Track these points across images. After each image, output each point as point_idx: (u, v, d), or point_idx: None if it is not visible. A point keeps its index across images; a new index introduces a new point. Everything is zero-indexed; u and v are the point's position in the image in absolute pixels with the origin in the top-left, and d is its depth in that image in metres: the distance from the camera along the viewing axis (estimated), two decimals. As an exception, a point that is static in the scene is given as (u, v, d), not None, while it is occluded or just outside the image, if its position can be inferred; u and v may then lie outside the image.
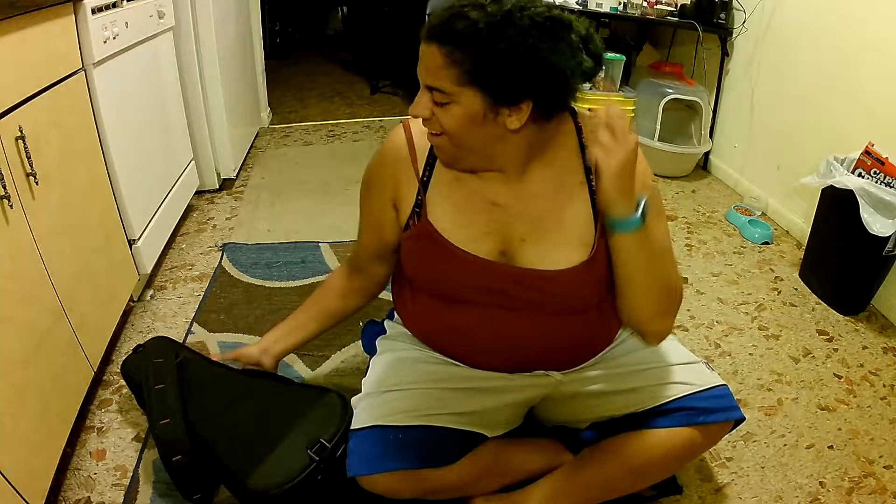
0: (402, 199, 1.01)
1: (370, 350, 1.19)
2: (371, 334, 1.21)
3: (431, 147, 0.97)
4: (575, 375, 1.07)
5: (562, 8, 0.85)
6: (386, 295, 1.27)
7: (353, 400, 1.06)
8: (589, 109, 0.92)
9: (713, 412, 1.03)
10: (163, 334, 1.60)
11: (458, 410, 1.01)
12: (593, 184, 0.95)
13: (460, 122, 0.84)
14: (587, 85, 2.77)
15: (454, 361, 1.07)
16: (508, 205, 0.96)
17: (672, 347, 1.12)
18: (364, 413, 1.01)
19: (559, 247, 0.95)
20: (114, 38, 1.46)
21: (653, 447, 1.02)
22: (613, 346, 1.11)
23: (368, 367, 1.13)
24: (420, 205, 0.98)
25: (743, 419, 1.06)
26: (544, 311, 0.99)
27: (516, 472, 1.10)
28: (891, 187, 1.63)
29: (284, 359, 1.52)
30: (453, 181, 0.97)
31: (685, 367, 1.08)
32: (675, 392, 1.05)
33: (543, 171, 0.96)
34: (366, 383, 1.08)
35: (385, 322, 1.21)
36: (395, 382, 1.04)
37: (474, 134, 0.85)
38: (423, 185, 0.98)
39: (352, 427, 1.01)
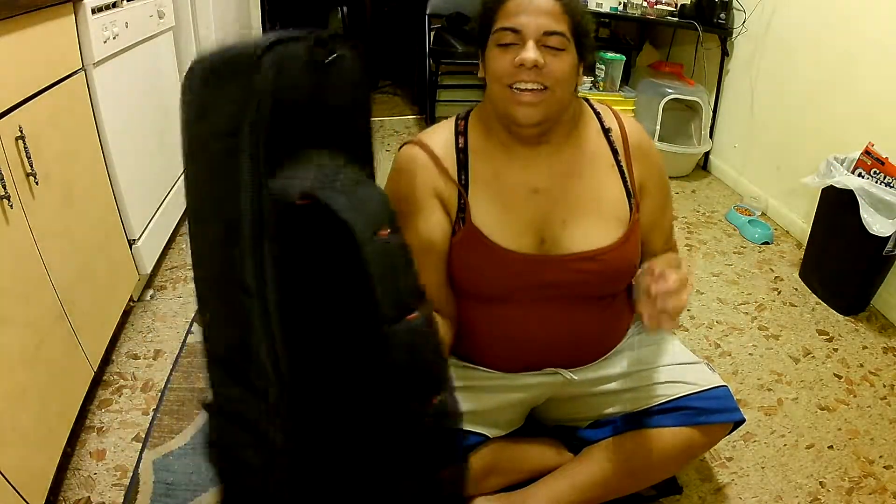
0: (447, 202, 0.97)
1: None
2: None
3: (458, 150, 0.98)
4: (582, 375, 1.07)
5: None
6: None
7: None
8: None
9: (713, 413, 1.03)
10: (163, 334, 1.60)
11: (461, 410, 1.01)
12: (622, 164, 1.00)
13: (569, 71, 0.89)
14: (587, 84, 2.78)
15: (461, 362, 1.07)
16: (549, 189, 0.98)
17: (673, 348, 1.13)
18: None
19: (599, 225, 0.98)
20: (114, 38, 1.46)
21: (653, 447, 1.02)
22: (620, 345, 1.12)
23: None
24: (464, 208, 0.96)
25: (743, 420, 1.06)
26: (582, 297, 1.01)
27: (517, 472, 1.10)
28: (891, 187, 1.63)
29: (284, 359, 1.52)
30: (492, 179, 0.97)
31: (686, 368, 1.09)
32: (676, 392, 1.05)
33: (574, 151, 0.99)
34: None
35: None
36: None
37: (569, 87, 0.91)
38: (464, 187, 0.97)
39: None
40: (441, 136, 1.00)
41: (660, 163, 1.06)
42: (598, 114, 1.03)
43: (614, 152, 1.01)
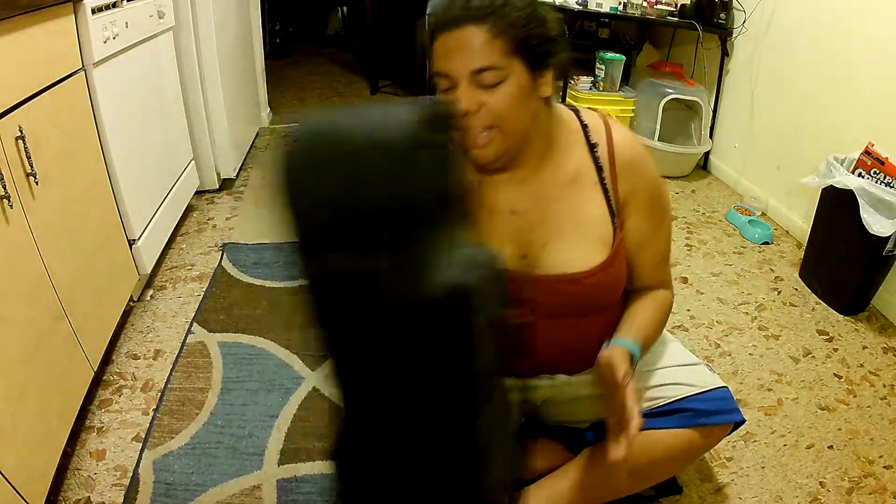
0: None
1: None
2: None
3: None
4: (578, 378, 1.07)
5: (561, 8, 0.86)
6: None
7: None
8: None
9: (713, 414, 1.03)
10: (163, 334, 1.60)
11: None
12: (605, 182, 0.96)
13: (514, 99, 0.82)
14: (587, 84, 2.78)
15: None
16: (526, 211, 0.95)
17: (673, 349, 1.12)
18: None
19: (580, 248, 0.95)
20: (114, 38, 1.46)
21: (653, 448, 1.02)
22: None
23: None
24: None
25: (743, 421, 1.06)
26: (568, 315, 0.99)
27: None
28: (891, 187, 1.63)
29: (284, 359, 1.52)
30: (473, 192, 0.94)
31: (686, 369, 1.08)
32: (676, 393, 1.04)
33: (556, 173, 0.95)
34: None
35: None
36: None
37: (523, 111, 0.84)
38: None
39: None
40: None
41: (654, 180, 0.99)
42: (585, 127, 0.97)
43: (598, 169, 0.96)
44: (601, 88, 2.78)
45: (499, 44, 0.79)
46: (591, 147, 0.97)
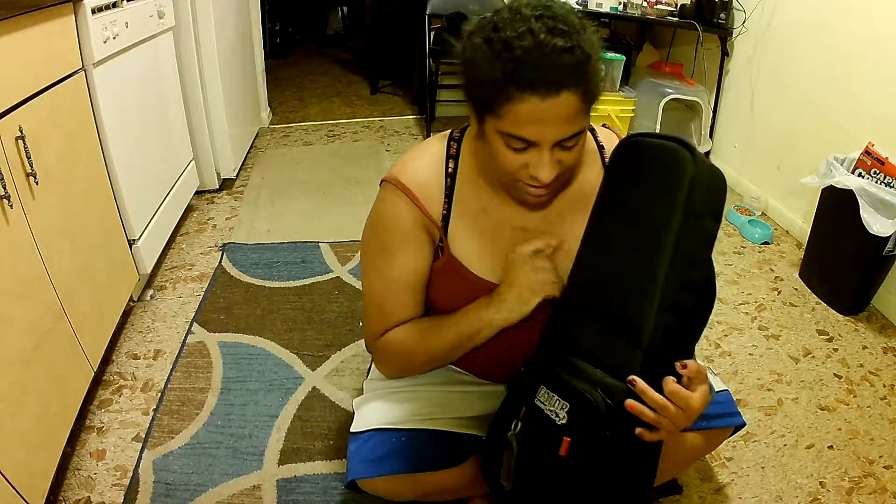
0: (430, 230, 0.92)
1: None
2: None
3: (447, 175, 0.90)
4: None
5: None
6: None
7: (355, 402, 1.06)
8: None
9: (714, 418, 1.02)
10: (163, 334, 1.60)
11: (459, 414, 1.01)
12: None
13: (581, 150, 0.80)
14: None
15: (456, 368, 1.07)
16: (537, 228, 0.92)
17: None
18: (365, 416, 1.01)
19: None
20: (114, 38, 1.46)
21: None
22: None
23: (370, 367, 1.13)
24: (442, 240, 0.92)
25: (743, 425, 1.06)
26: (528, 323, 0.95)
27: None
28: (891, 187, 1.63)
29: (284, 359, 1.52)
30: (479, 213, 0.91)
31: None
32: None
33: (572, 195, 0.92)
34: (367, 385, 1.08)
35: None
36: (397, 385, 1.04)
37: (580, 158, 0.83)
38: (444, 219, 0.91)
39: (352, 430, 1.01)
40: (426, 162, 0.92)
41: None
42: (601, 148, 0.95)
43: None
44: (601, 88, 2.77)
45: (585, 107, 0.74)
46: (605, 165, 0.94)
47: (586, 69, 0.73)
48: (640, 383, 0.74)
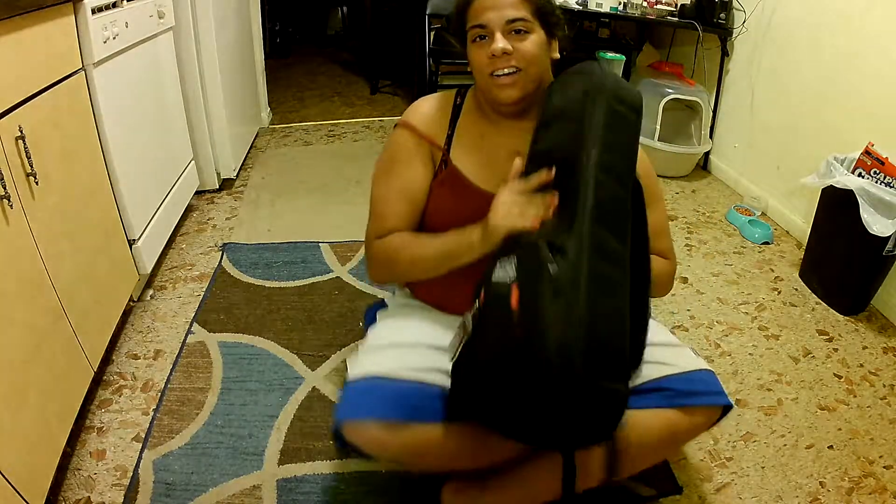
0: (434, 153, 1.10)
1: (370, 325, 1.19)
2: (372, 314, 1.23)
3: (454, 108, 1.11)
4: None
5: (561, 8, 0.99)
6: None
7: (349, 358, 1.06)
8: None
9: (695, 395, 1.01)
10: (163, 334, 1.60)
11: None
12: None
13: (537, 48, 0.99)
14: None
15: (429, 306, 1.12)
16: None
17: (656, 329, 1.09)
18: (358, 365, 1.02)
19: None
20: (114, 38, 1.46)
21: (632, 429, 0.98)
22: None
23: (366, 333, 1.15)
24: (447, 153, 1.09)
25: (731, 406, 1.04)
26: None
27: (498, 452, 1.05)
28: (891, 187, 1.63)
29: (284, 359, 1.52)
30: (478, 137, 1.09)
31: (665, 349, 1.07)
32: (656, 372, 1.02)
33: None
34: (362, 345, 1.09)
35: (386, 298, 1.26)
36: (392, 342, 1.07)
37: (539, 63, 1.01)
38: (448, 140, 1.09)
39: (346, 378, 1.01)
40: (435, 100, 1.14)
41: (644, 159, 1.06)
42: None
43: None
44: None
45: (527, 5, 0.98)
46: None
47: None
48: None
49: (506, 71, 0.98)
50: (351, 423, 0.95)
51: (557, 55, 1.05)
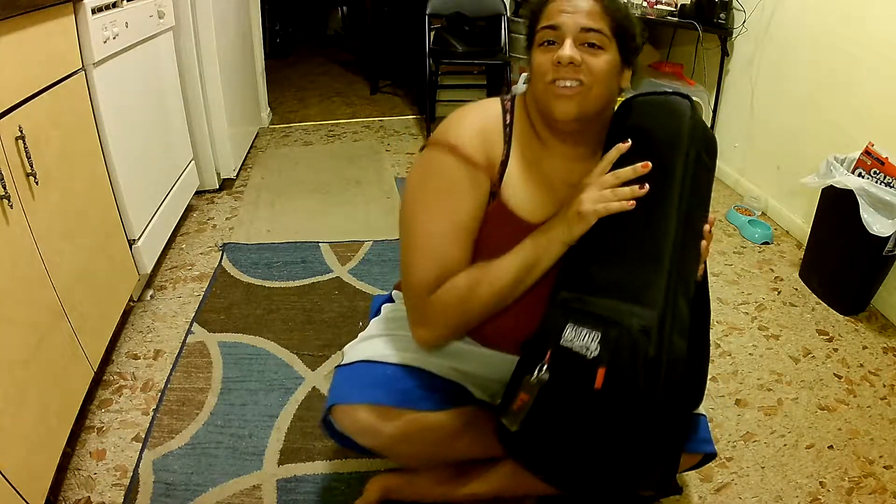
0: (489, 173, 0.96)
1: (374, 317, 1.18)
2: (378, 306, 1.19)
3: (506, 125, 0.97)
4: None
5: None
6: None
7: (346, 348, 1.06)
8: None
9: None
10: (163, 334, 1.60)
11: (451, 364, 1.00)
12: None
13: (608, 67, 0.89)
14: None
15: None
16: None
17: None
18: (354, 352, 1.01)
19: None
20: (114, 38, 1.46)
21: None
22: None
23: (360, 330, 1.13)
24: (498, 184, 0.95)
25: (714, 455, 1.04)
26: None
27: (492, 446, 1.00)
28: (891, 187, 1.63)
29: (284, 359, 1.52)
30: (533, 163, 0.97)
31: None
32: None
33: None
34: (362, 334, 1.08)
35: (393, 293, 1.18)
36: (390, 329, 1.04)
37: (607, 86, 0.91)
38: (503, 164, 0.96)
39: (339, 364, 1.00)
40: (482, 114, 0.98)
41: None
42: None
43: None
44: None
45: (606, 19, 0.88)
46: None
47: None
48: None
49: (568, 83, 0.88)
50: (342, 408, 0.94)
51: (628, 84, 0.96)
